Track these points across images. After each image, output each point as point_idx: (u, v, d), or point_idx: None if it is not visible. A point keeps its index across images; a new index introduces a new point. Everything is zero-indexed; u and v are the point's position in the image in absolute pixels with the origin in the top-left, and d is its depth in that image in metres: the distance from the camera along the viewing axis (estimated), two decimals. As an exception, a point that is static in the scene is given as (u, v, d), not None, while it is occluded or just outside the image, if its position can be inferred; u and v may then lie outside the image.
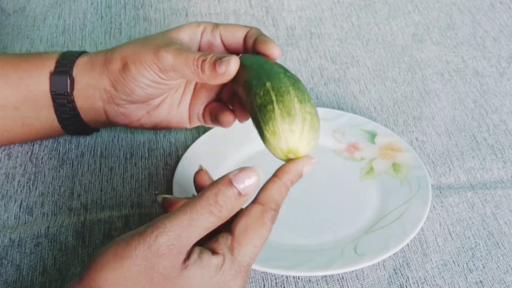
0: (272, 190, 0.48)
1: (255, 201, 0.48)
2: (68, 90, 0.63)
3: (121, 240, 0.45)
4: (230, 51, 0.63)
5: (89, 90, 0.63)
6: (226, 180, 0.47)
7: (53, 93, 0.63)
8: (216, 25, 0.62)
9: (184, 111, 0.66)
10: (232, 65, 0.56)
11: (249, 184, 0.47)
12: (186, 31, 0.62)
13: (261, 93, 0.51)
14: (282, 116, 0.49)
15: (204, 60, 0.57)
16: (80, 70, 0.63)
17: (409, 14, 0.91)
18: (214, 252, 0.46)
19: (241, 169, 0.47)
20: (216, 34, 0.62)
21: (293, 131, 0.49)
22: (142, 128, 0.66)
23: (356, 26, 0.89)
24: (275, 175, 0.49)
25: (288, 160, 0.50)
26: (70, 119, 0.65)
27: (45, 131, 0.67)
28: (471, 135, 0.72)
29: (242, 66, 0.57)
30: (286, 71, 0.54)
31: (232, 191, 0.46)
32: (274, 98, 0.50)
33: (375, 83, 0.79)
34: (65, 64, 0.64)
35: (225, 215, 0.46)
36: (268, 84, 0.51)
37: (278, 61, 0.59)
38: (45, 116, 0.65)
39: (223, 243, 0.47)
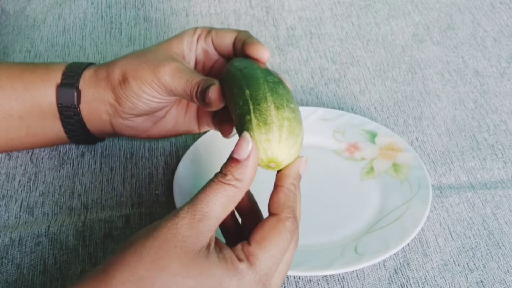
0: (280, 198, 0.47)
1: (269, 213, 0.48)
2: (75, 103, 0.63)
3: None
4: (222, 55, 0.62)
5: (95, 104, 0.63)
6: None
7: (59, 105, 0.63)
8: (209, 31, 0.62)
9: (191, 118, 0.65)
10: (211, 94, 0.55)
11: (239, 147, 0.46)
12: (185, 41, 0.61)
13: (240, 103, 0.50)
14: (258, 126, 0.47)
15: (198, 88, 0.56)
16: (86, 83, 0.63)
17: (409, 14, 0.91)
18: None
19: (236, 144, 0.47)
20: (208, 40, 0.62)
21: (270, 140, 0.47)
22: (150, 138, 0.66)
23: (356, 26, 0.89)
24: (275, 184, 0.48)
25: (273, 169, 0.49)
26: (76, 130, 0.65)
27: (50, 140, 0.67)
28: (471, 135, 0.72)
29: (229, 73, 0.55)
30: (267, 74, 0.53)
31: (232, 161, 0.46)
32: (251, 107, 0.49)
33: (375, 83, 0.79)
34: (71, 77, 0.63)
35: (235, 183, 0.46)
36: (247, 92, 0.50)
37: (278, 62, 0.59)
38: (50, 126, 0.65)
39: (240, 249, 0.46)
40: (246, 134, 0.47)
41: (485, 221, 0.63)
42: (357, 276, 0.58)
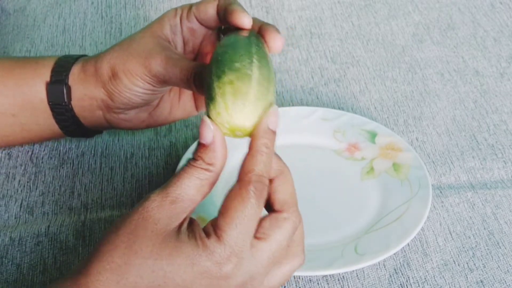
0: (246, 162, 0.45)
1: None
2: (66, 100, 0.62)
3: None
4: (210, 28, 0.61)
5: (87, 100, 0.62)
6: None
7: (50, 103, 0.62)
8: (190, 8, 0.60)
9: (187, 101, 0.64)
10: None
11: (202, 131, 0.46)
12: (167, 24, 0.60)
13: (206, 86, 0.48)
14: (208, 105, 0.46)
15: (195, 76, 0.55)
16: (75, 80, 0.62)
17: (409, 14, 0.91)
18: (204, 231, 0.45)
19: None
20: (192, 18, 0.60)
21: (219, 113, 0.45)
22: (148, 128, 0.66)
23: (356, 26, 0.89)
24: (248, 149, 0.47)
25: (246, 136, 0.47)
26: (70, 126, 0.64)
27: (45, 135, 0.66)
28: (471, 135, 0.72)
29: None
30: (222, 45, 0.50)
31: (200, 147, 0.46)
32: (205, 89, 0.47)
33: (375, 83, 0.79)
34: (60, 73, 0.62)
35: (207, 167, 0.45)
36: (209, 73, 0.48)
37: (278, 61, 0.59)
38: (44, 122, 0.64)
39: (210, 225, 0.45)
40: (204, 117, 0.46)
41: (485, 221, 0.63)
42: (357, 276, 0.58)
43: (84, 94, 0.62)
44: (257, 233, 0.46)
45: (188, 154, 0.67)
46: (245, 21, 0.54)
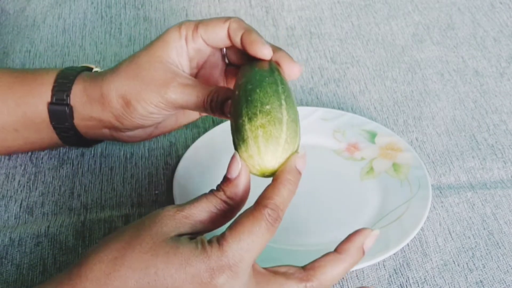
0: (267, 190, 0.46)
1: None
2: (69, 121, 0.62)
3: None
4: (216, 48, 0.60)
5: (93, 121, 0.62)
6: None
7: (53, 123, 0.62)
8: (196, 27, 0.58)
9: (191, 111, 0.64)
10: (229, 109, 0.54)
11: (230, 167, 0.47)
12: (173, 49, 0.58)
13: (231, 123, 0.50)
14: (239, 145, 0.48)
15: (211, 102, 0.55)
16: (78, 101, 0.61)
17: (409, 14, 0.91)
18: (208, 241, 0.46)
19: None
20: (198, 39, 0.59)
21: (252, 156, 0.47)
22: (156, 137, 0.66)
23: (356, 26, 0.89)
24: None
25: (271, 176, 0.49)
26: (74, 141, 0.65)
27: (49, 146, 0.67)
28: (471, 135, 0.72)
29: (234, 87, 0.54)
30: (248, 81, 0.51)
31: (225, 180, 0.47)
32: (233, 126, 0.49)
33: (375, 83, 0.79)
34: (61, 93, 0.61)
35: (226, 200, 0.47)
36: (232, 110, 0.50)
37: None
38: (47, 137, 0.64)
39: (215, 236, 0.45)
40: (235, 153, 0.47)
41: (484, 221, 0.63)
42: (356, 276, 0.58)
43: (90, 116, 0.62)
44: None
45: (188, 154, 0.67)
46: (266, 53, 0.55)
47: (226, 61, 0.62)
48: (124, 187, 0.66)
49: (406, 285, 0.57)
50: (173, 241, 0.44)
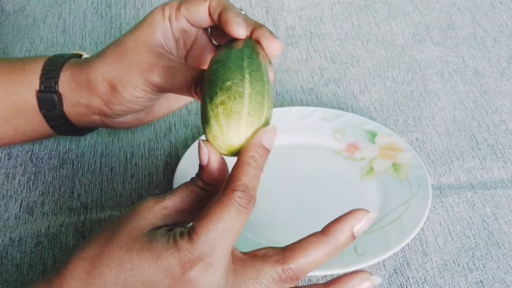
0: (232, 172, 0.44)
1: None
2: (58, 109, 0.61)
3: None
4: (202, 28, 0.59)
5: (81, 108, 0.61)
6: None
7: (42, 111, 0.61)
8: (179, 7, 0.57)
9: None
10: None
11: (199, 154, 0.46)
12: (158, 30, 0.58)
13: (201, 108, 0.48)
14: (204, 128, 0.46)
15: (195, 85, 0.54)
16: (66, 88, 0.61)
17: (409, 14, 0.91)
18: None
19: None
20: (181, 18, 0.58)
21: (215, 136, 0.45)
22: (148, 123, 0.65)
23: (356, 26, 0.89)
24: None
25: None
26: (64, 130, 0.64)
27: (41, 136, 0.65)
28: (471, 135, 0.72)
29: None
30: (215, 61, 0.49)
31: (200, 169, 0.47)
32: (201, 111, 0.47)
33: (375, 83, 0.79)
34: (49, 80, 0.61)
35: (203, 186, 0.46)
36: (203, 94, 0.48)
37: (278, 62, 0.58)
38: (38, 126, 0.63)
39: (187, 229, 0.44)
40: (199, 140, 0.46)
41: (484, 221, 0.63)
42: (357, 276, 0.58)
43: (78, 103, 0.61)
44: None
45: (188, 154, 0.67)
46: (240, 33, 0.53)
47: (214, 42, 0.61)
48: (124, 187, 0.66)
49: (406, 285, 0.57)
50: (148, 235, 0.44)
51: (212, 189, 0.46)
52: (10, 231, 0.61)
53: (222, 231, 0.42)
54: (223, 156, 0.46)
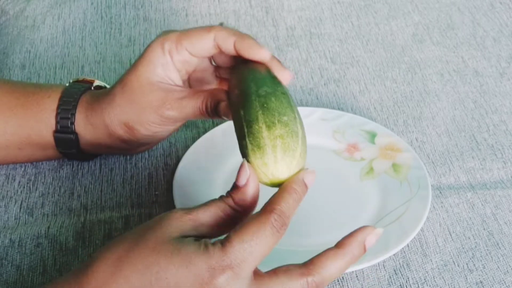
0: (274, 197, 0.47)
1: None
2: (75, 147, 0.64)
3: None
4: (204, 58, 0.61)
5: (100, 145, 0.64)
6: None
7: (59, 149, 0.64)
8: (179, 40, 0.58)
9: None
10: (222, 112, 0.56)
11: (239, 174, 0.48)
12: (158, 66, 0.59)
13: (237, 126, 0.51)
14: (253, 151, 0.48)
15: (206, 108, 0.57)
16: (82, 130, 0.63)
17: (409, 14, 0.91)
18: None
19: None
20: (183, 51, 0.59)
21: (266, 164, 0.48)
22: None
23: (356, 26, 0.89)
24: None
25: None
26: (79, 158, 0.67)
27: (51, 159, 0.68)
28: (471, 135, 0.72)
29: (229, 90, 0.56)
30: (261, 85, 0.52)
31: (234, 188, 0.48)
32: (245, 130, 0.49)
33: (375, 83, 0.79)
34: (65, 121, 0.62)
35: (235, 206, 0.48)
36: (241, 113, 0.50)
37: (279, 59, 0.58)
38: (51, 154, 0.66)
39: (219, 239, 0.46)
40: (244, 161, 0.48)
41: (484, 221, 0.63)
42: (356, 276, 0.58)
43: (98, 143, 0.64)
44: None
45: (188, 154, 0.67)
46: (266, 55, 0.56)
47: (213, 63, 0.63)
48: (124, 188, 0.66)
49: (406, 286, 0.57)
50: (177, 241, 0.45)
51: (240, 210, 0.48)
52: (10, 232, 0.61)
53: (255, 245, 0.44)
54: (260, 184, 0.49)
